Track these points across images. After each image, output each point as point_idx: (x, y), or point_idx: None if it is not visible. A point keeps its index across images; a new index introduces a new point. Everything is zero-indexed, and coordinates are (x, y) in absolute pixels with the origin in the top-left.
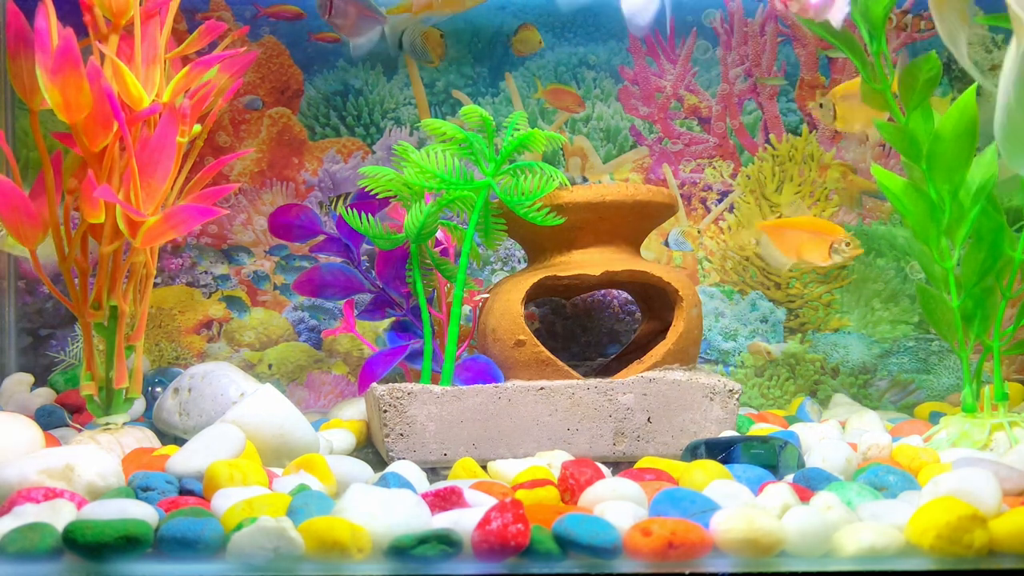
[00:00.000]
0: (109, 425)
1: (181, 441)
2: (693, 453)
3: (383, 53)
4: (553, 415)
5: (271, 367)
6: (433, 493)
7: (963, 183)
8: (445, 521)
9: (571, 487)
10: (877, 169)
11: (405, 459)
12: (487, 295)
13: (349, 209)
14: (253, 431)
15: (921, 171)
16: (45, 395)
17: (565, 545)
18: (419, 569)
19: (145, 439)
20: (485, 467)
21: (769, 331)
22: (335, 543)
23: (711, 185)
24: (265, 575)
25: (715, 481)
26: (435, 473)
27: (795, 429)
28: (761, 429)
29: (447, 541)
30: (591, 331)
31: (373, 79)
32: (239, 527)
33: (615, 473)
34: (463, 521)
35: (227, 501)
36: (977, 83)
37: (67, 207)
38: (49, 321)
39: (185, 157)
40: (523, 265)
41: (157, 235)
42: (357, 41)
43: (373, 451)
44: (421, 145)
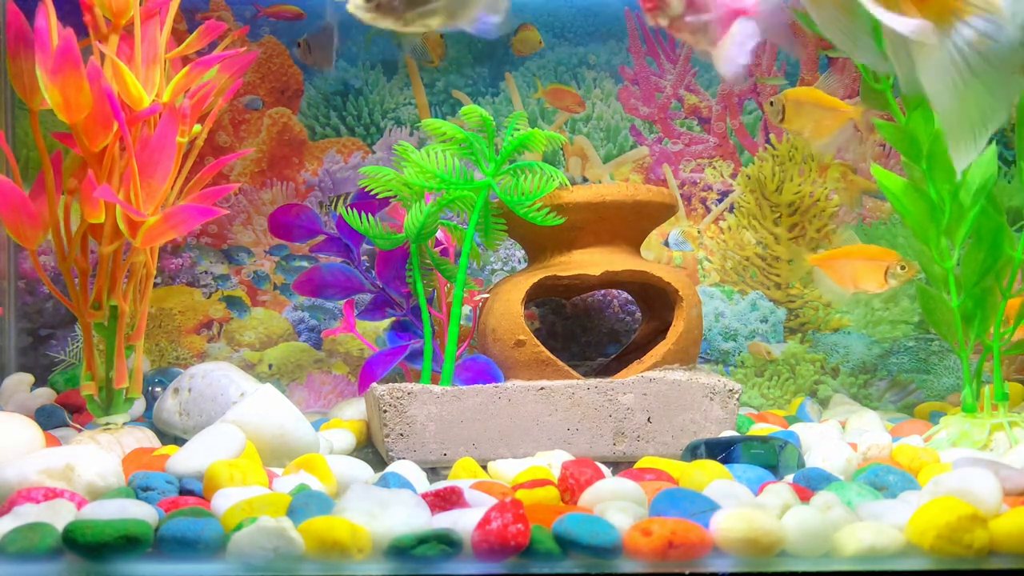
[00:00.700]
0: (109, 425)
1: (181, 441)
2: (693, 453)
3: (383, 53)
4: (553, 415)
5: (271, 367)
6: (433, 493)
7: (963, 183)
8: (445, 521)
9: (571, 487)
10: (877, 169)
11: (405, 459)
12: (487, 295)
13: (349, 209)
14: (253, 431)
15: (921, 171)
16: (45, 395)
17: (565, 545)
18: (419, 569)
19: (145, 439)
20: (485, 467)
21: (769, 331)
22: (335, 543)
23: (711, 185)
24: (265, 575)
25: (715, 481)
26: (435, 473)
27: (795, 429)
28: (761, 429)
29: (447, 541)
30: (591, 331)
31: (373, 79)
32: (239, 527)
33: (615, 473)
34: (463, 521)
35: (227, 501)
36: None
37: (67, 207)
38: (49, 321)
39: (185, 157)
40: (523, 265)
41: (157, 235)
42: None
43: (373, 451)
44: (421, 145)
